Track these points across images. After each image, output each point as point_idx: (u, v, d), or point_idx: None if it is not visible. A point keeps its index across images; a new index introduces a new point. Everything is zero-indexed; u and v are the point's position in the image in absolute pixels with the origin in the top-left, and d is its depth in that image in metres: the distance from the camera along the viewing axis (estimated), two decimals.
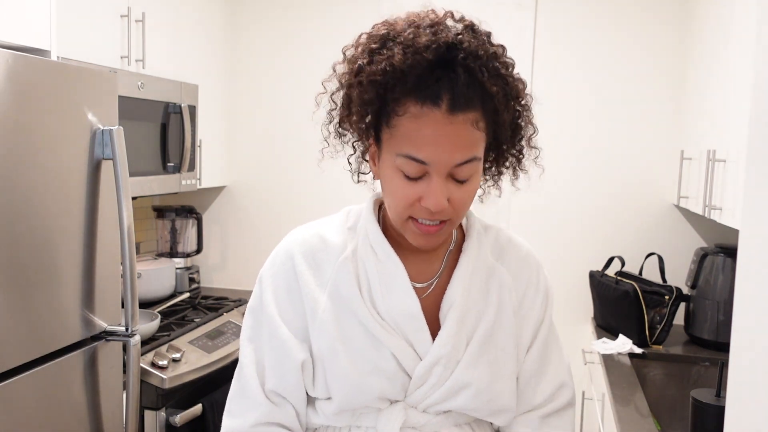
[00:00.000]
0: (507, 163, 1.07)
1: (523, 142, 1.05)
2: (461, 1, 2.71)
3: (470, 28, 0.96)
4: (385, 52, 0.93)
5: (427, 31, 0.93)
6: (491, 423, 1.10)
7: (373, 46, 0.95)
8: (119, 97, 1.82)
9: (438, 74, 0.91)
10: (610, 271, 2.58)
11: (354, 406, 1.00)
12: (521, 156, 1.07)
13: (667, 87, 2.64)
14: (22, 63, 1.46)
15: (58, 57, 1.81)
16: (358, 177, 1.10)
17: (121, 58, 2.18)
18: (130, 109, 2.17)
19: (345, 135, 1.05)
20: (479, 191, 1.12)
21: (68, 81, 1.60)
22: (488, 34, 0.97)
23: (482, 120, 0.93)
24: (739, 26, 1.83)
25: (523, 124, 1.04)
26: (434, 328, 1.02)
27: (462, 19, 0.97)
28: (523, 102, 1.03)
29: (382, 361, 0.99)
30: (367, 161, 1.06)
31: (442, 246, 1.08)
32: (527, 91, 1.04)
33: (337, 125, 1.04)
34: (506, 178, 1.11)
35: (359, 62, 0.95)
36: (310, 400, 1.06)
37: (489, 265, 1.07)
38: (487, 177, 1.09)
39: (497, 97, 0.94)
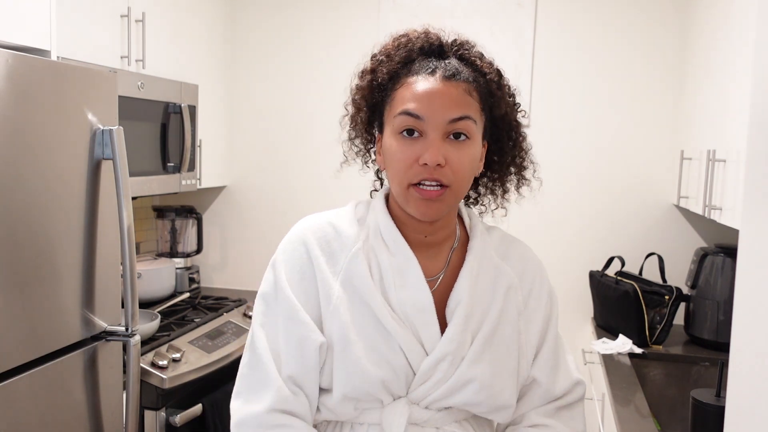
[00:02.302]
0: (510, 173, 1.13)
1: (524, 155, 1.13)
2: (462, 1, 2.72)
3: (467, 41, 1.08)
4: (381, 49, 1.07)
5: (420, 32, 1.07)
6: (489, 421, 1.11)
7: (374, 51, 1.09)
8: (119, 97, 1.82)
9: (432, 60, 1.02)
10: (610, 271, 2.58)
11: (358, 394, 1.00)
12: (523, 165, 1.13)
13: (667, 87, 2.64)
14: (22, 63, 1.46)
15: (58, 57, 1.81)
16: (371, 194, 1.17)
17: (121, 58, 2.18)
18: (130, 109, 2.17)
19: (357, 138, 1.14)
20: (482, 208, 1.19)
21: (68, 81, 1.60)
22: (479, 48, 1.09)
23: (475, 92, 1.01)
24: (738, 26, 1.83)
25: (519, 126, 1.12)
26: (440, 324, 1.04)
27: (459, 37, 1.09)
28: (517, 105, 1.12)
29: (390, 353, 1.00)
30: (374, 159, 1.14)
31: (446, 242, 1.10)
32: (521, 112, 1.15)
33: (349, 125, 1.13)
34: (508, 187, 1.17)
35: (363, 67, 1.10)
36: None
37: (495, 265, 1.09)
38: (495, 191, 1.16)
39: (491, 77, 1.04)
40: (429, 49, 1.04)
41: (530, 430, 1.09)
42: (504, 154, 1.12)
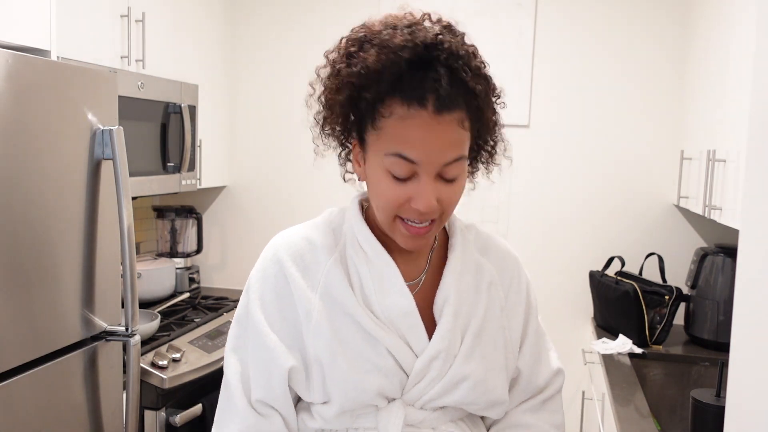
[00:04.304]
0: (482, 158, 1.09)
1: (496, 137, 1.07)
2: (462, 2, 2.71)
3: (448, 28, 0.98)
4: (361, 54, 0.94)
5: (404, 31, 0.94)
6: (483, 419, 1.12)
7: (351, 49, 0.96)
8: (119, 97, 1.82)
9: (420, 74, 0.91)
10: (610, 271, 2.58)
11: (355, 406, 1.00)
12: (494, 151, 1.08)
13: (667, 87, 2.64)
14: (22, 63, 1.46)
15: (58, 57, 1.81)
16: (344, 177, 1.10)
17: (121, 58, 2.18)
18: (130, 109, 2.17)
19: (329, 137, 1.07)
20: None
21: (68, 81, 1.60)
22: (464, 35, 0.99)
23: (467, 119, 0.94)
24: (739, 26, 1.83)
25: (499, 121, 1.06)
26: (426, 324, 1.03)
27: (439, 20, 0.99)
28: (499, 100, 1.04)
29: (379, 358, 1.00)
30: (350, 161, 1.07)
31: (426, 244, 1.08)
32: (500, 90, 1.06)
33: (321, 127, 1.06)
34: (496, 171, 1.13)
35: (337, 66, 0.97)
36: (305, 405, 1.05)
37: (476, 262, 1.09)
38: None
39: (480, 95, 0.95)
40: (418, 61, 0.92)
41: (505, 407, 1.09)
42: (479, 144, 1.07)
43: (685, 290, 2.43)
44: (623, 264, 2.56)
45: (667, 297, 2.36)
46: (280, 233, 1.09)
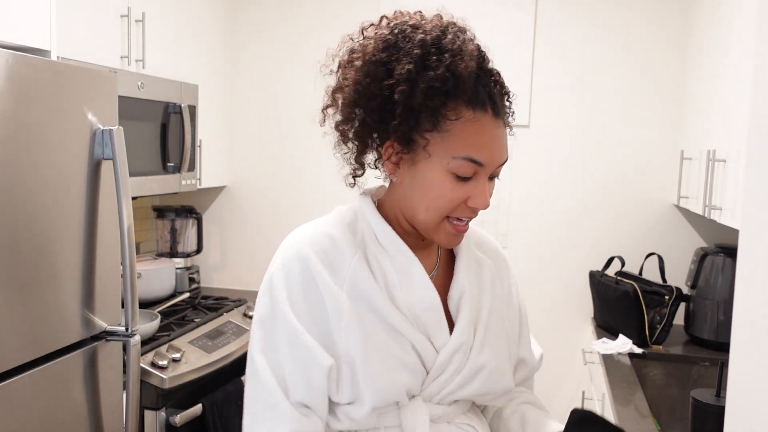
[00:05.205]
0: None
1: None
2: (462, 1, 2.71)
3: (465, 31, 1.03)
4: (434, 58, 0.95)
5: (461, 38, 0.98)
6: (482, 408, 1.18)
7: (417, 51, 0.95)
8: (119, 97, 1.82)
9: (473, 79, 0.97)
10: (610, 271, 2.58)
11: (385, 403, 0.99)
12: None
13: (667, 87, 2.65)
14: (22, 63, 1.46)
15: (58, 57, 1.81)
16: (352, 182, 1.09)
17: (121, 58, 2.18)
18: (130, 109, 2.17)
19: (353, 140, 1.05)
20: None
21: (68, 81, 1.60)
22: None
23: (506, 121, 1.02)
24: (739, 25, 1.83)
25: None
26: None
27: (450, 23, 1.04)
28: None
29: (405, 354, 1.00)
30: (356, 164, 1.06)
31: None
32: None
33: (346, 130, 1.04)
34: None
35: (406, 67, 0.94)
36: (330, 407, 1.02)
37: (477, 257, 1.14)
38: None
39: (511, 96, 1.04)
40: (478, 68, 0.98)
41: (511, 395, 1.16)
42: None
43: (685, 290, 2.43)
44: (623, 264, 2.56)
45: (667, 297, 2.36)
46: (296, 230, 1.06)
